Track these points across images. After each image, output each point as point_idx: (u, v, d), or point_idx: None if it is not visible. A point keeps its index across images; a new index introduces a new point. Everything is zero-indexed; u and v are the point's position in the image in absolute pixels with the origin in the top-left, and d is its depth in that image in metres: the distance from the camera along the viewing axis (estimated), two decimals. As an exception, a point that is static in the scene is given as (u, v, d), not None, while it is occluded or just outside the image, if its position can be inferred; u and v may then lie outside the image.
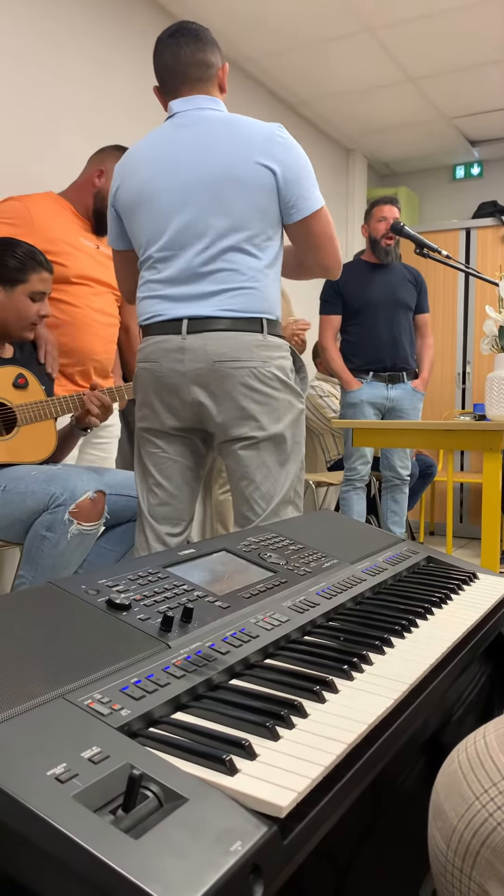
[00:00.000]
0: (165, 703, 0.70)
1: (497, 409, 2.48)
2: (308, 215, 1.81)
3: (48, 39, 2.87)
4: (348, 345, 3.78)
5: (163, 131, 1.86)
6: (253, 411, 1.81)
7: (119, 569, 0.98)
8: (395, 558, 1.33)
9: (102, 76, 3.13)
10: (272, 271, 1.84)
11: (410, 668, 0.85)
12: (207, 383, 1.80)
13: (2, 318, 2.11)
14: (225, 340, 1.78)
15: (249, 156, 1.76)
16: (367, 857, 0.81)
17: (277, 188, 1.78)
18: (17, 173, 2.77)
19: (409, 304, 3.80)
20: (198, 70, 1.86)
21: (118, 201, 1.90)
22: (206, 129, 1.80)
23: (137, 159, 1.86)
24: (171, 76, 1.87)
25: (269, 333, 1.82)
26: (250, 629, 0.89)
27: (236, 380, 1.79)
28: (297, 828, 0.57)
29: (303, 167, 1.80)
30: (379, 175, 5.66)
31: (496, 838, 0.64)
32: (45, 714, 0.63)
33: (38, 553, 1.94)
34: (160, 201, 1.81)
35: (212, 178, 1.77)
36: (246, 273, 1.79)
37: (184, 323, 1.80)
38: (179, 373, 1.81)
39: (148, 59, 3.34)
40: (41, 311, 2.15)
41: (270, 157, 1.77)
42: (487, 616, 1.12)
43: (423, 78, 4.11)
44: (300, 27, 3.59)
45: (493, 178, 5.39)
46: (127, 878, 0.47)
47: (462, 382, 5.29)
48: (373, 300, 3.71)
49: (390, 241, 3.70)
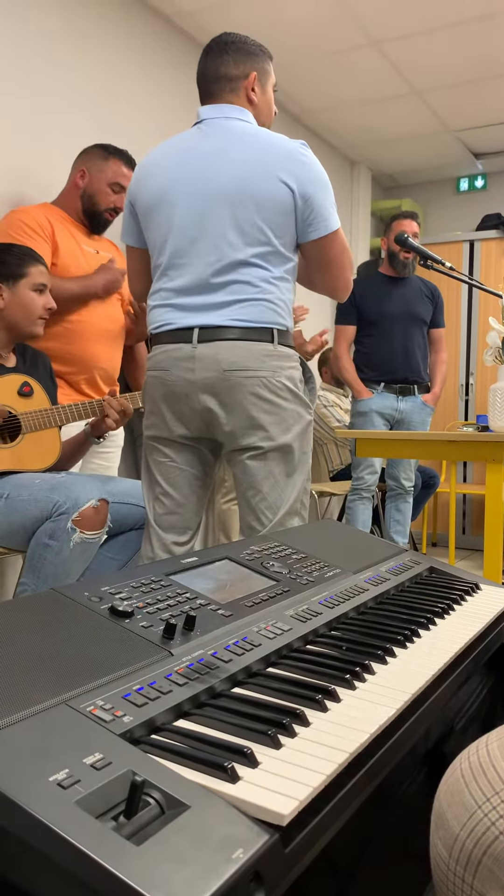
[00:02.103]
0: (168, 710, 0.70)
1: (500, 421, 2.48)
2: (323, 236, 1.82)
3: (50, 43, 2.90)
4: (362, 355, 3.80)
5: (187, 137, 1.87)
6: (262, 421, 1.81)
7: (122, 576, 0.98)
8: (398, 568, 1.33)
9: (106, 84, 3.15)
10: (284, 283, 1.85)
11: (412, 678, 0.85)
12: (217, 392, 1.81)
13: (10, 315, 2.12)
14: (235, 350, 1.79)
15: (270, 171, 1.77)
16: (368, 865, 0.81)
17: (295, 206, 1.79)
18: (22, 178, 2.78)
19: (425, 318, 3.81)
20: (218, 84, 1.88)
21: (137, 201, 1.91)
22: (228, 140, 1.81)
23: (159, 162, 1.87)
24: (201, 90, 1.93)
25: (279, 344, 1.83)
26: (253, 637, 0.89)
27: (246, 389, 1.79)
28: (299, 836, 0.57)
29: (322, 187, 1.81)
30: (383, 187, 5.69)
31: (498, 847, 0.64)
32: (47, 720, 0.63)
33: (41, 561, 1.94)
34: (177, 208, 1.82)
35: (230, 190, 1.78)
36: (258, 285, 1.80)
37: (195, 332, 1.81)
38: (189, 381, 1.82)
39: (153, 70, 3.36)
40: (47, 304, 2.17)
41: (290, 175, 1.77)
42: (490, 627, 1.12)
43: (428, 91, 4.13)
44: (307, 39, 3.61)
45: (496, 190, 5.41)
46: (128, 884, 0.47)
47: (465, 394, 5.30)
48: (389, 313, 3.74)
49: (408, 255, 3.72)
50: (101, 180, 2.55)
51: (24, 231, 2.40)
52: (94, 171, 2.55)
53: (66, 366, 2.50)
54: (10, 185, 2.73)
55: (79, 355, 2.52)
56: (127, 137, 3.21)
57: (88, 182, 2.55)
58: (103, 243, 2.68)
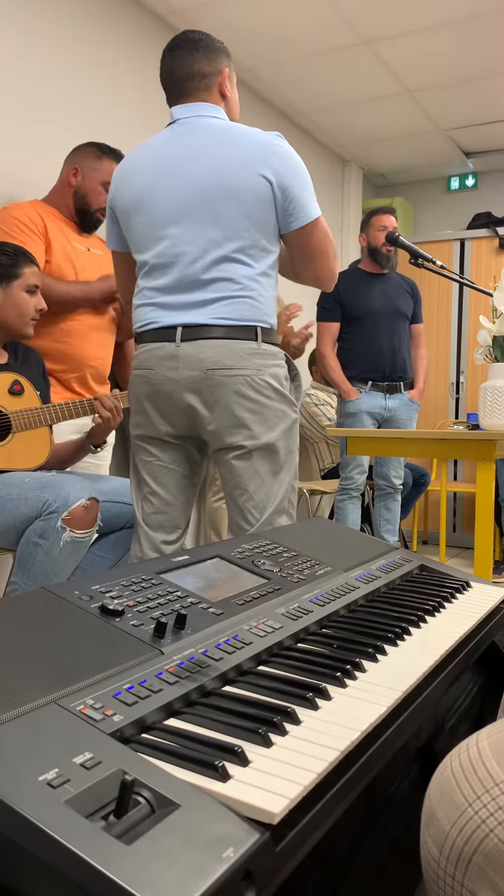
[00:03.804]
0: (158, 709, 0.70)
1: (491, 419, 2.48)
2: (304, 225, 1.82)
3: (45, 44, 2.88)
4: (346, 353, 3.78)
5: (162, 137, 1.87)
6: (246, 420, 1.80)
7: (112, 575, 0.98)
8: (389, 566, 1.33)
9: (100, 85, 3.14)
10: (267, 280, 1.85)
11: (403, 676, 0.85)
12: (201, 391, 1.80)
13: (2, 315, 2.12)
14: (218, 348, 1.78)
15: (247, 165, 1.77)
16: (359, 864, 0.81)
17: (274, 198, 1.79)
18: (14, 176, 2.77)
19: (407, 313, 3.82)
20: (192, 81, 1.87)
21: (116, 205, 1.91)
22: (204, 137, 1.81)
23: (136, 164, 1.87)
24: (170, 89, 1.90)
25: (263, 341, 1.82)
26: (244, 636, 0.89)
27: (230, 388, 1.79)
28: (290, 834, 0.57)
29: (300, 176, 1.81)
30: (374, 186, 5.69)
31: (488, 845, 0.64)
32: (37, 719, 0.62)
33: (31, 560, 1.93)
34: (156, 208, 1.82)
35: (208, 187, 1.77)
36: (241, 282, 1.80)
37: (178, 331, 1.80)
38: (173, 380, 1.82)
39: (146, 70, 3.35)
40: (38, 305, 2.16)
41: (268, 167, 1.77)
42: (480, 625, 1.13)
43: (419, 90, 4.13)
44: (298, 38, 3.61)
45: (487, 189, 5.43)
46: (118, 883, 0.47)
47: (456, 392, 5.31)
48: (373, 309, 3.73)
49: (391, 249, 3.72)
50: (95, 179, 2.54)
51: (17, 227, 2.39)
52: (88, 169, 2.54)
53: (57, 364, 2.50)
54: (5, 185, 2.72)
55: (70, 354, 2.51)
56: (119, 137, 3.20)
57: (81, 181, 2.54)
58: (93, 240, 2.68)
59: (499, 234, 5.11)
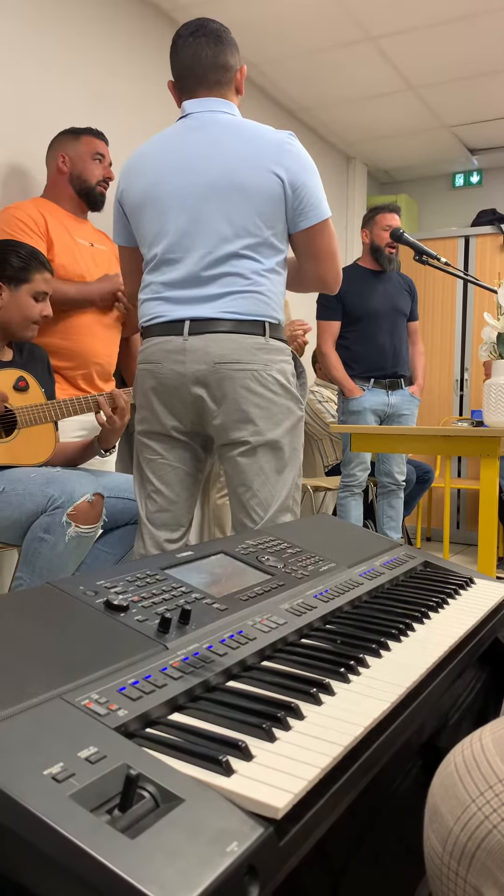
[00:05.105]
0: (162, 703, 0.70)
1: (495, 416, 2.48)
2: (314, 224, 1.82)
3: (48, 40, 2.88)
4: (347, 351, 3.79)
5: (173, 132, 1.86)
6: (252, 415, 1.80)
7: (117, 570, 0.98)
8: (393, 563, 1.33)
9: (102, 79, 3.14)
10: (276, 276, 1.84)
11: (407, 672, 0.85)
12: (208, 384, 1.80)
13: (5, 317, 2.12)
14: (226, 342, 1.78)
15: (258, 163, 1.76)
16: (362, 859, 0.81)
17: (285, 196, 1.78)
18: (15, 175, 2.77)
19: (406, 311, 3.85)
20: (216, 73, 1.85)
21: (124, 199, 1.90)
22: (216, 132, 1.80)
23: (146, 159, 1.86)
24: (190, 77, 1.86)
25: (271, 337, 1.82)
26: (248, 631, 0.89)
27: (237, 382, 1.79)
28: (293, 829, 0.57)
29: (311, 176, 1.80)
30: (379, 182, 5.68)
31: (492, 841, 0.64)
32: (42, 714, 0.63)
33: (36, 555, 1.94)
34: (166, 203, 1.81)
35: (219, 183, 1.77)
36: (250, 277, 1.79)
37: (185, 324, 1.80)
38: (180, 374, 1.81)
39: (148, 63, 3.35)
40: (43, 312, 2.16)
41: (280, 165, 1.77)
42: (484, 621, 1.13)
43: (423, 86, 4.12)
44: (302, 34, 3.60)
45: (492, 186, 5.41)
46: (123, 877, 0.47)
47: (460, 389, 5.30)
48: (374, 308, 3.73)
49: (393, 249, 3.73)
50: (82, 155, 2.58)
51: (19, 227, 2.39)
52: (72, 151, 2.57)
53: (62, 361, 2.50)
54: (5, 185, 2.72)
55: (76, 350, 2.52)
56: (122, 134, 3.20)
57: (72, 163, 2.56)
58: (97, 235, 2.68)
59: (503, 230, 5.10)
